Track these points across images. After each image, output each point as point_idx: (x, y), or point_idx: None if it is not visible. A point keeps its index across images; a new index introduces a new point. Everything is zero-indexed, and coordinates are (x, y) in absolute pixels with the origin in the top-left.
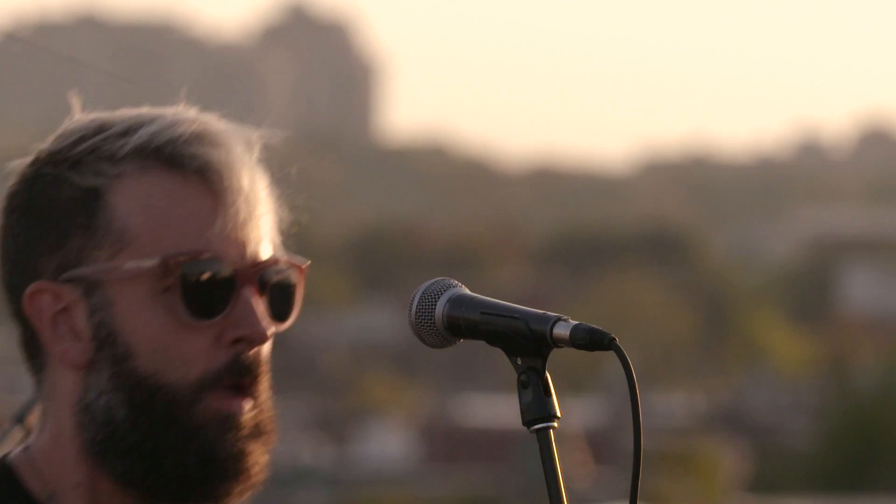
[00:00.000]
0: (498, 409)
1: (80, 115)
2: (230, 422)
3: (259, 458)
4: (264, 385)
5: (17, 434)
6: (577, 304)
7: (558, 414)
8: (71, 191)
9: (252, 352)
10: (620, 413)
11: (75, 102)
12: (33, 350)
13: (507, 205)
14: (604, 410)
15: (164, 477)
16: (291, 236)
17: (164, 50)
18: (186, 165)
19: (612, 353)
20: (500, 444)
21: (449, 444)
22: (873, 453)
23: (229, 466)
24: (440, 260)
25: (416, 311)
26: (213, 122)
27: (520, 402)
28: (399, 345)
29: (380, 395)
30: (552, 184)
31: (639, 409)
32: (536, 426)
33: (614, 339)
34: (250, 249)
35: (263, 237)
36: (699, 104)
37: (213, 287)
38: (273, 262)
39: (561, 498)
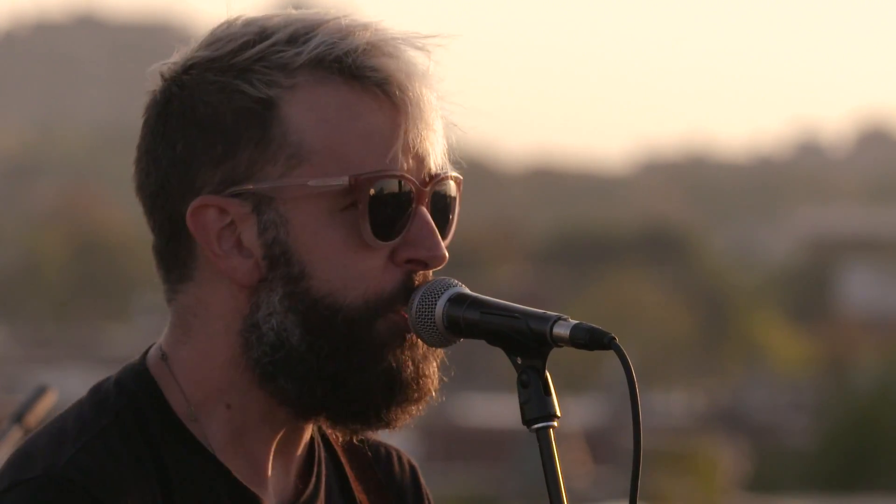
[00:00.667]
0: (498, 409)
1: (224, 21)
2: (407, 340)
3: (435, 375)
4: None
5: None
6: (576, 304)
7: (558, 413)
8: (242, 100)
9: (422, 273)
10: (620, 412)
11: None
12: (176, 262)
13: (506, 204)
14: (603, 410)
15: (347, 399)
16: None
17: (163, 49)
18: (368, 78)
19: (611, 353)
20: (499, 443)
21: (448, 444)
22: (873, 453)
23: (412, 384)
24: None
25: (415, 310)
26: (386, 30)
27: (520, 401)
28: None
29: None
30: (551, 183)
31: (638, 408)
32: (536, 425)
33: (614, 338)
34: (427, 165)
35: (439, 151)
36: (698, 104)
37: (396, 206)
38: (444, 177)
39: (561, 497)
